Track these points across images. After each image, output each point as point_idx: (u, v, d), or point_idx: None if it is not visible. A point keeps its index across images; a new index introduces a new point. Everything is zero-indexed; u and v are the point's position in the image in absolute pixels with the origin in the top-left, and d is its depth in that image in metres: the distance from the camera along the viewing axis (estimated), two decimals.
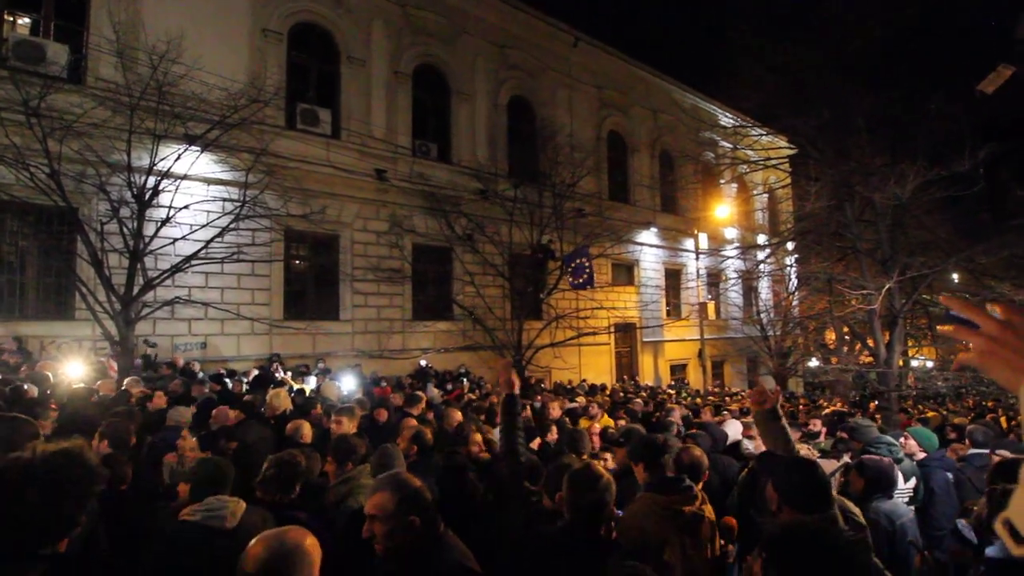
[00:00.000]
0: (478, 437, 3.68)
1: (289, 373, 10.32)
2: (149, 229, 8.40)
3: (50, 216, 8.77)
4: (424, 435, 3.86)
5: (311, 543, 1.46)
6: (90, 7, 9.96)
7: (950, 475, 3.90)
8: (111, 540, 2.28)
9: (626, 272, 19.74)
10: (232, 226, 9.26)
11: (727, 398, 13.03)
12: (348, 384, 9.21)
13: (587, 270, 14.13)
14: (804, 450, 3.36)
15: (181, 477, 2.48)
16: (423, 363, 13.05)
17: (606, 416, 6.52)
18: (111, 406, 4.78)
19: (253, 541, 1.44)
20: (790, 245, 16.39)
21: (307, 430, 4.20)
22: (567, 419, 5.78)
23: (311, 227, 11.73)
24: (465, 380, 11.67)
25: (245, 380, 8.86)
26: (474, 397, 8.43)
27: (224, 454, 3.28)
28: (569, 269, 14.41)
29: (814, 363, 19.25)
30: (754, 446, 3.64)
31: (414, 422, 4.44)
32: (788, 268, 17.36)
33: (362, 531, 2.33)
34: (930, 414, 9.67)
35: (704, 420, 6.46)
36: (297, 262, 12.58)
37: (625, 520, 2.14)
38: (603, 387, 12.98)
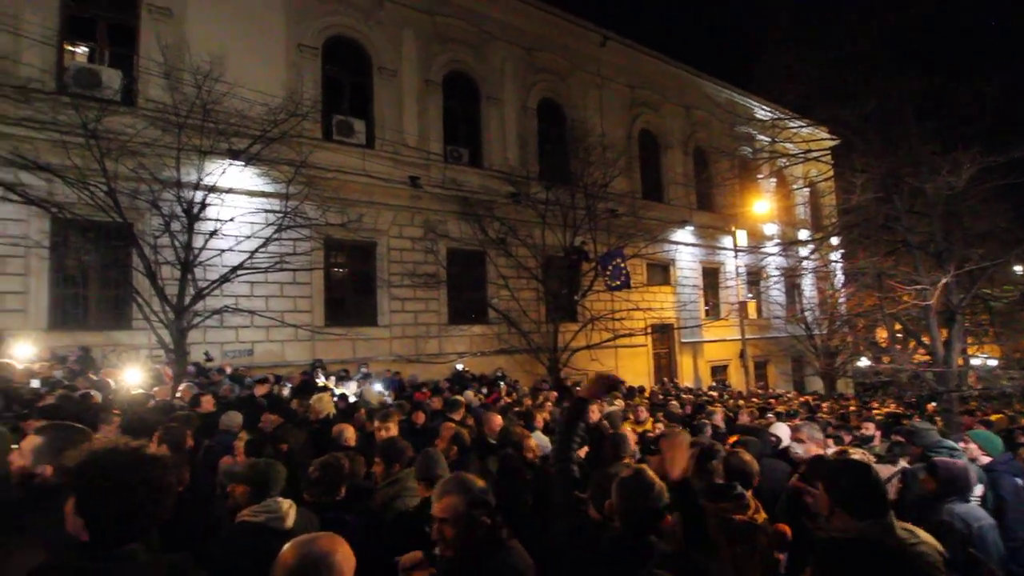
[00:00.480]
0: (532, 442, 3.68)
1: (332, 378, 10.58)
2: (198, 241, 8.78)
3: (108, 232, 9.27)
4: (463, 436, 3.89)
5: (343, 551, 1.44)
6: (140, 33, 10.53)
7: (1020, 481, 3.65)
8: (169, 541, 2.38)
9: (662, 272, 19.42)
10: (275, 236, 9.59)
11: (771, 400, 12.62)
12: (362, 390, 9.29)
13: (622, 271, 13.97)
14: (858, 455, 3.21)
15: (234, 479, 2.58)
16: (459, 367, 13.16)
17: (650, 418, 6.42)
18: (168, 411, 5.01)
19: (285, 548, 1.42)
20: (835, 240, 15.76)
21: (350, 433, 4.29)
22: (605, 422, 5.72)
23: (349, 235, 12.03)
24: (502, 384, 11.70)
25: (289, 385, 9.14)
26: (510, 400, 8.45)
27: (278, 457, 3.39)
28: (604, 270, 14.28)
29: (864, 363, 18.42)
30: (804, 450, 3.51)
31: (453, 425, 4.48)
32: (833, 264, 16.69)
33: (414, 532, 2.37)
34: (995, 416, 9.10)
35: (746, 423, 6.28)
36: (336, 270, 12.92)
37: (669, 529, 2.09)
38: (641, 389, 12.79)
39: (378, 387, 9.68)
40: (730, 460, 2.44)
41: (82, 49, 10.45)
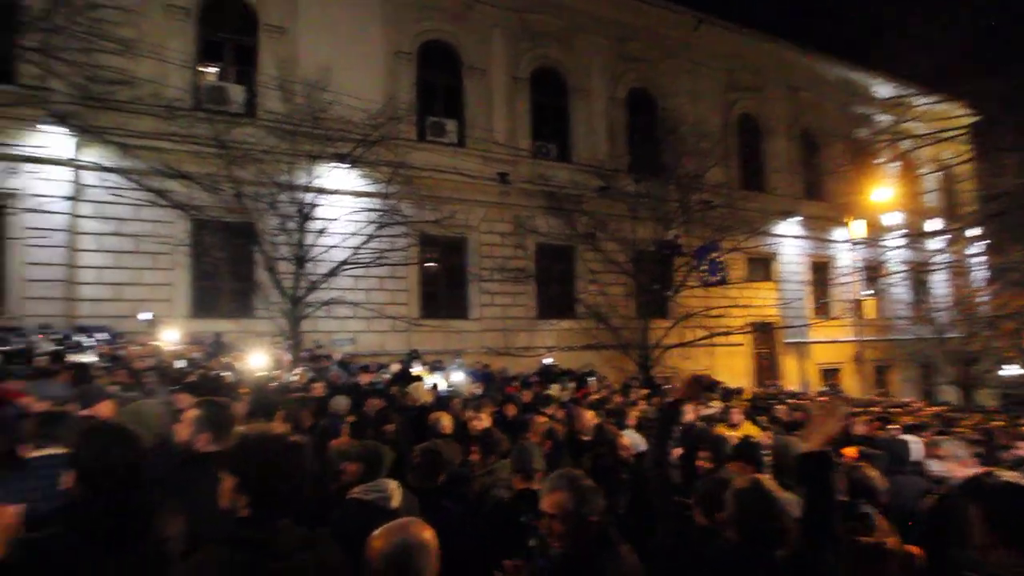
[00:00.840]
0: (625, 440, 3.61)
1: (426, 368, 11.06)
2: (310, 238, 9.57)
3: (236, 230, 10.39)
4: (556, 431, 3.90)
5: (430, 536, 1.50)
6: (259, 51, 11.63)
7: None
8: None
9: (763, 267, 18.12)
10: (375, 234, 10.20)
11: (894, 408, 11.33)
12: (456, 380, 9.46)
13: (719, 266, 13.23)
14: (1012, 477, 2.78)
15: (347, 458, 2.77)
16: (548, 361, 13.20)
17: (749, 423, 6.03)
18: (287, 392, 5.51)
19: (377, 534, 1.48)
20: (975, 231, 13.78)
21: (447, 421, 4.46)
22: (701, 424, 5.45)
23: (442, 231, 12.49)
24: (591, 379, 11.57)
25: (387, 373, 9.69)
26: (599, 397, 8.33)
27: (381, 440, 3.61)
28: (699, 265, 13.61)
29: (1014, 371, 15.95)
30: (945, 468, 3.10)
31: (544, 419, 4.50)
32: (974, 258, 14.60)
33: (510, 523, 2.41)
34: None
35: (861, 432, 5.68)
36: (430, 264, 13.49)
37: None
38: (739, 391, 12.03)
39: (461, 377, 9.92)
40: (853, 475, 2.21)
41: (212, 69, 11.74)
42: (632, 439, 4.00)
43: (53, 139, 9.68)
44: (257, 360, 8.77)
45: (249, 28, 11.70)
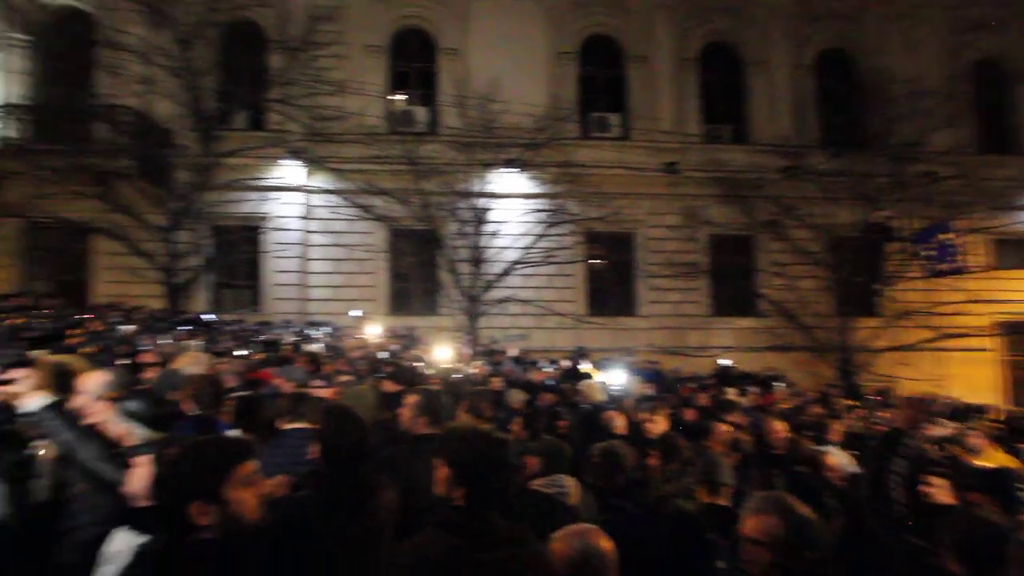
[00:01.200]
0: (831, 460, 3.17)
1: (593, 366, 11.09)
2: (484, 241, 10.32)
3: (424, 237, 11.67)
4: (743, 443, 3.58)
5: (610, 547, 1.49)
6: (438, 73, 12.86)
7: None
8: None
9: (1017, 251, 14.23)
10: (544, 233, 10.57)
11: None
12: (617, 379, 9.14)
13: (952, 250, 10.76)
14: None
15: (529, 452, 2.91)
16: (724, 362, 12.19)
17: (999, 450, 4.80)
18: (468, 384, 5.99)
19: (558, 537, 1.50)
20: None
21: (621, 422, 4.40)
22: (935, 448, 4.50)
23: (608, 227, 12.37)
24: (778, 385, 10.37)
25: (556, 369, 9.92)
26: (791, 406, 7.41)
27: (554, 434, 3.72)
28: (924, 251, 11.22)
29: None
30: None
31: (726, 426, 4.16)
32: None
33: (695, 536, 2.29)
34: None
35: None
36: (597, 261, 13.47)
37: None
38: (979, 408, 9.66)
39: (630, 377, 9.64)
40: None
41: (401, 96, 13.32)
42: (838, 459, 3.47)
43: (290, 171, 12.07)
44: (442, 353, 9.74)
45: (429, 54, 13.03)
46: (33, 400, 1.74)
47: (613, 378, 9.80)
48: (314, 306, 12.36)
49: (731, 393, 7.93)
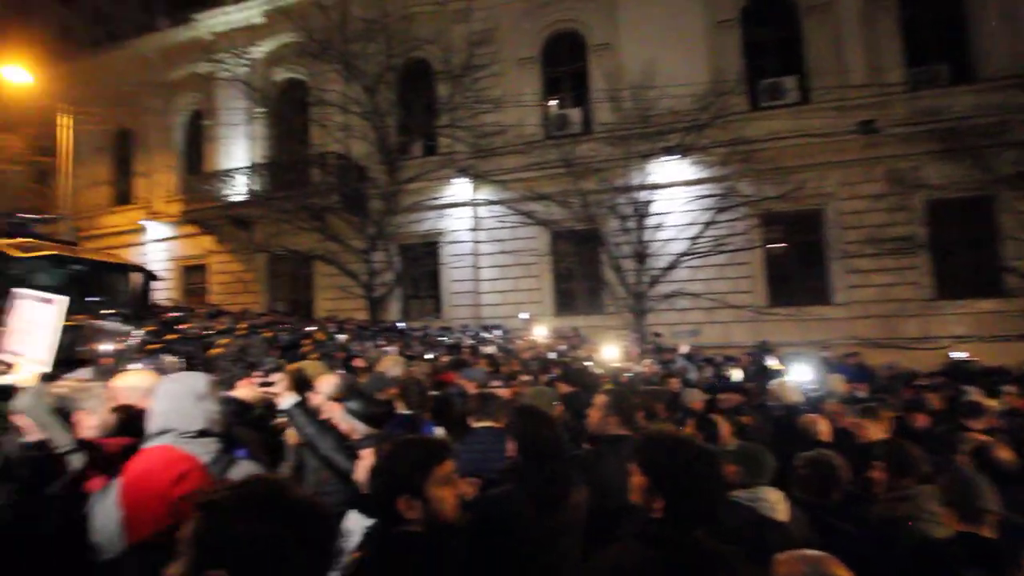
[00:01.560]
0: None
1: (779, 361, 9.95)
2: (648, 235, 9.97)
3: (584, 237, 11.73)
4: (1004, 461, 2.86)
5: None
6: (590, 72, 12.79)
7: None
8: None
9: None
10: (712, 220, 9.83)
11: None
12: (803, 376, 7.84)
13: None
14: None
15: (724, 458, 2.71)
16: (957, 355, 9.94)
17: None
18: (641, 384, 5.84)
19: (785, 560, 1.31)
20: None
21: (824, 427, 3.87)
22: None
23: (789, 206, 11.00)
24: None
25: (735, 366, 9.13)
26: None
27: (744, 439, 3.41)
28: None
29: None
30: None
31: (979, 435, 3.37)
32: None
33: (943, 569, 1.90)
34: None
35: None
36: (777, 245, 12.06)
37: None
38: None
39: (829, 374, 8.36)
40: None
41: (554, 102, 13.56)
42: None
43: (459, 188, 13.16)
44: (610, 352, 9.65)
45: (579, 54, 13.05)
46: (286, 399, 2.15)
47: (805, 376, 8.68)
48: (486, 311, 13.25)
49: (974, 393, 6.45)
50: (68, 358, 2.32)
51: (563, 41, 13.23)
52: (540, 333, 11.00)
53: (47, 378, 1.76)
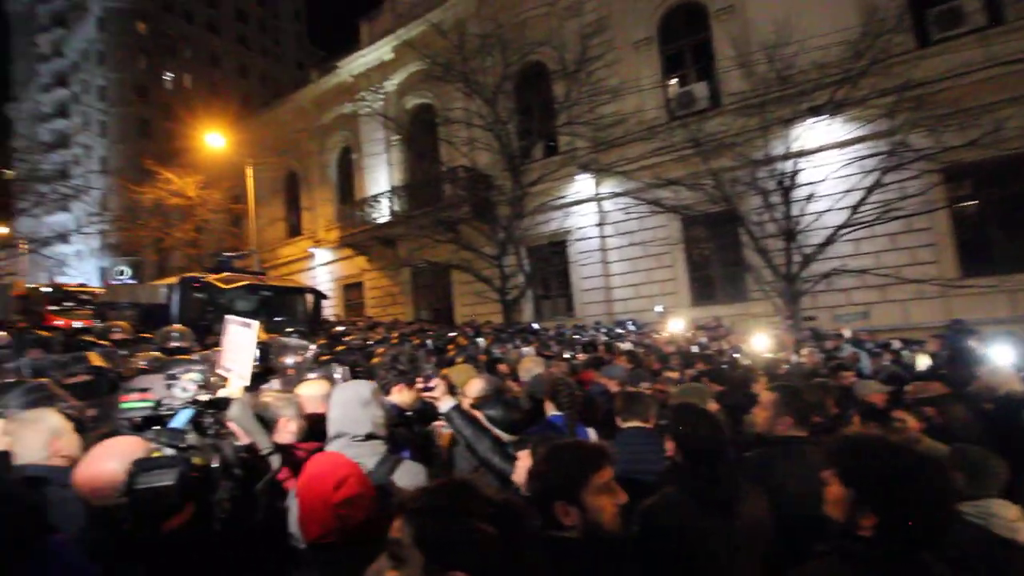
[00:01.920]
0: None
1: (980, 342, 8.20)
2: (796, 209, 8.91)
3: (719, 220, 10.87)
4: None
5: None
6: (712, 41, 11.84)
7: None
8: None
9: None
10: (879, 183, 8.47)
11: None
12: (1010, 360, 6.05)
13: None
14: None
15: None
16: None
17: None
18: (807, 376, 5.20)
19: None
20: None
21: None
22: None
23: (982, 154, 9.00)
24: None
25: (917, 350, 7.77)
26: None
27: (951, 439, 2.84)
28: None
29: None
30: None
31: None
32: None
33: None
34: None
35: None
36: (967, 203, 10.00)
37: None
38: None
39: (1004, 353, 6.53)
40: None
41: (675, 81, 12.80)
42: None
43: (582, 184, 13.06)
44: (759, 342, 8.78)
45: (700, 24, 12.16)
46: (445, 403, 2.27)
47: (1013, 360, 6.99)
48: (618, 306, 12.94)
49: None
50: (261, 371, 2.72)
51: (679, 14, 12.43)
52: (677, 326, 10.44)
53: (248, 390, 2.08)
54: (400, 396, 2.39)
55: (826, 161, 9.48)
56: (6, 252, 17.11)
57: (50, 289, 13.65)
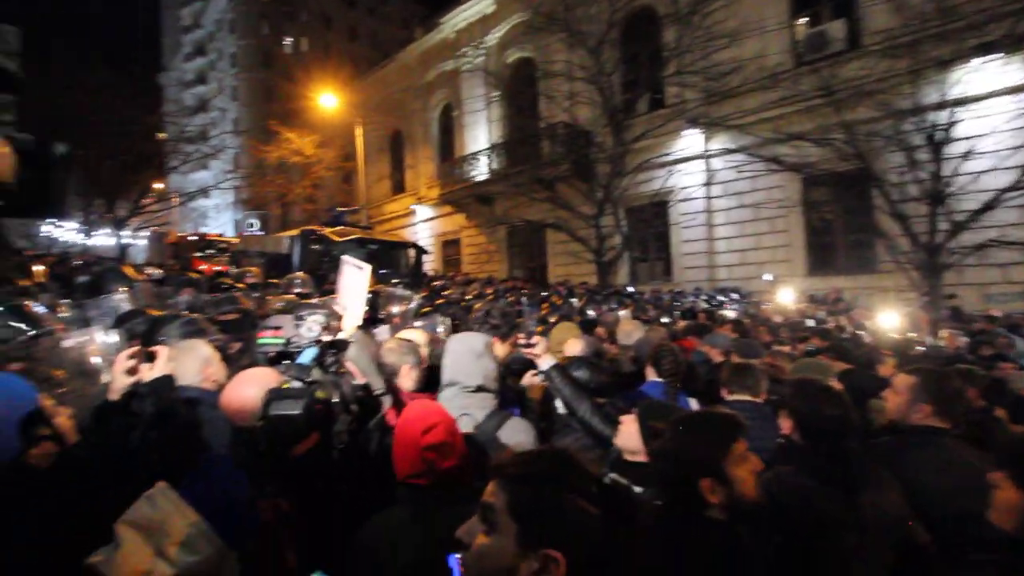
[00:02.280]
0: None
1: None
2: (947, 169, 7.66)
3: (848, 181, 9.66)
4: None
5: None
6: None
7: None
8: None
9: None
10: None
11: None
12: None
13: None
14: None
15: None
16: None
17: None
18: (947, 361, 4.58)
19: None
20: None
21: None
22: None
23: None
24: None
25: None
26: None
27: None
28: None
29: None
30: None
31: None
32: None
33: None
34: None
35: None
36: None
37: None
38: None
39: None
40: None
41: (804, 20, 11.26)
42: None
43: (689, 140, 12.19)
44: (888, 319, 7.84)
45: None
46: (545, 361, 2.25)
47: None
48: (721, 272, 12.17)
49: None
50: (369, 318, 2.90)
51: None
52: (787, 296, 9.61)
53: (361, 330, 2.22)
54: (497, 350, 2.42)
55: (993, 110, 7.95)
56: (161, 204, 19.71)
57: (195, 238, 15.73)
